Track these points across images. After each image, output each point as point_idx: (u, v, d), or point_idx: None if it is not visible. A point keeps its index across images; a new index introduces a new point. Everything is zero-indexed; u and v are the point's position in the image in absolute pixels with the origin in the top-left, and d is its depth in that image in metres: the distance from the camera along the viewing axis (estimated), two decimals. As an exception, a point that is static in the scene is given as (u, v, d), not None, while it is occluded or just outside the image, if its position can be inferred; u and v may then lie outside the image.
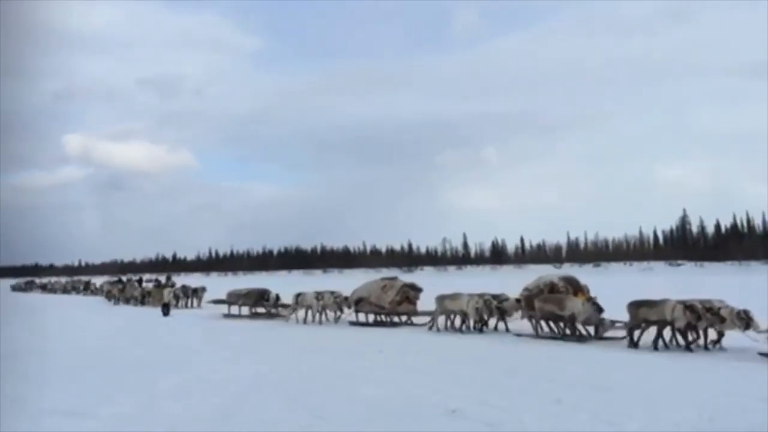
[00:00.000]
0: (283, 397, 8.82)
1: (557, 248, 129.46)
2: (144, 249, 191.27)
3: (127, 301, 36.51)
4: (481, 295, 16.49)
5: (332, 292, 20.70)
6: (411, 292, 19.51)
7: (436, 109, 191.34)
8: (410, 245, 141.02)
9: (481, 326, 16.58)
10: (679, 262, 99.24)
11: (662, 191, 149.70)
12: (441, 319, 17.22)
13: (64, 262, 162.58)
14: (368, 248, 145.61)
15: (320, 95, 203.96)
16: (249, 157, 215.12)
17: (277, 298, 23.36)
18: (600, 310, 14.24)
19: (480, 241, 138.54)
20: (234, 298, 24.82)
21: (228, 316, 24.34)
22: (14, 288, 77.01)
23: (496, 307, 16.45)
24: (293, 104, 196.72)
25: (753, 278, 40.40)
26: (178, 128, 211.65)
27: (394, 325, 19.16)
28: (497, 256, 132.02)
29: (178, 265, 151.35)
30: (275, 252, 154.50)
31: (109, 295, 41.01)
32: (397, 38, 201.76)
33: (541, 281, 16.21)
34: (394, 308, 19.33)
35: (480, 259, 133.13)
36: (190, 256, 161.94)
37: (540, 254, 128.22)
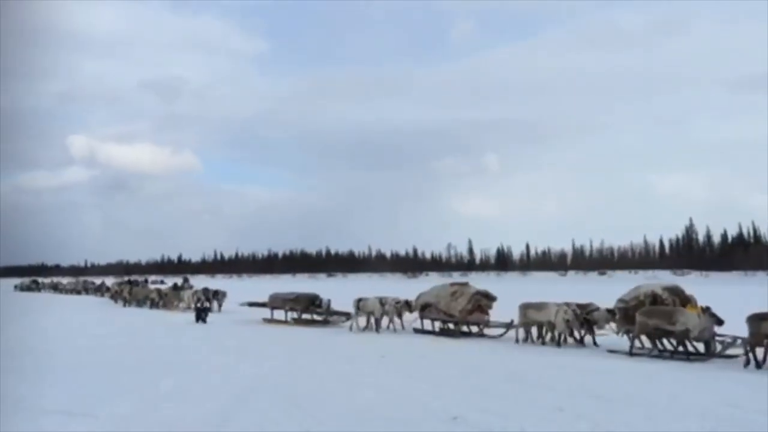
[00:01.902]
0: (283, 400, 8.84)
1: (562, 255, 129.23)
2: (148, 250, 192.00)
3: (139, 303, 34.62)
4: (568, 305, 15.03)
5: (393, 298, 19.27)
6: (483, 301, 17.70)
7: (435, 115, 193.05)
8: (415, 250, 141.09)
9: (565, 338, 15.11)
10: (685, 271, 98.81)
11: (663, 200, 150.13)
12: (521, 331, 15.83)
13: (70, 263, 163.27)
14: (373, 253, 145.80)
15: (321, 100, 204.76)
16: (250, 160, 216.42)
17: (329, 304, 21.67)
18: (720, 322, 12.46)
19: (484, 247, 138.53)
20: (279, 303, 22.85)
21: (269, 321, 22.70)
22: (18, 288, 73.56)
23: (585, 319, 14.89)
24: (295, 108, 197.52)
25: (762, 288, 40.12)
26: (181, 130, 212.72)
27: (463, 335, 17.51)
28: (502, 262, 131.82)
29: (183, 266, 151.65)
30: (280, 255, 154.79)
31: (116, 297, 39.44)
32: (396, 46, 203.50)
33: (640, 291, 14.45)
34: (464, 317, 17.57)
35: (485, 266, 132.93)
36: (195, 258, 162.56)
37: (545, 261, 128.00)
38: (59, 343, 16.90)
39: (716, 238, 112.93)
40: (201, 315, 23.09)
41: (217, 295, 29.32)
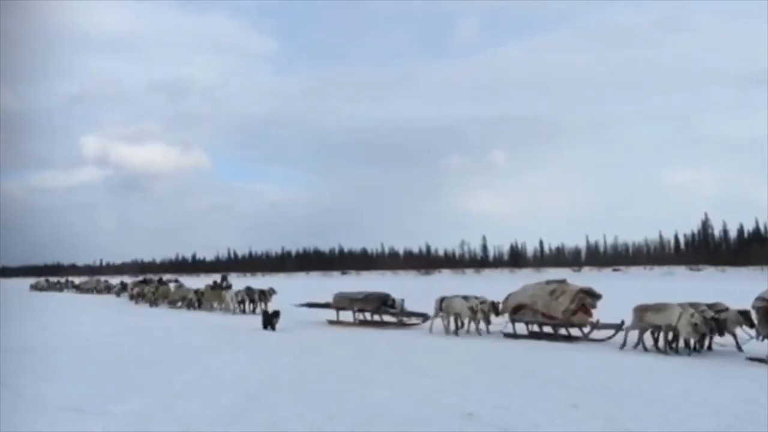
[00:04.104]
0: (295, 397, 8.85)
1: (576, 251, 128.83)
2: (162, 249, 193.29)
3: (173, 303, 32.51)
4: (694, 305, 12.83)
5: (476, 297, 17.23)
6: (588, 299, 15.67)
7: (442, 113, 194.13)
8: (428, 247, 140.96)
9: (696, 345, 12.95)
10: (700, 267, 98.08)
11: (676, 195, 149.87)
12: (638, 335, 13.71)
13: (85, 262, 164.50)
14: (386, 250, 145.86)
15: (331, 98, 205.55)
16: (261, 159, 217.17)
17: (402, 304, 20.06)
18: None
19: (498, 243, 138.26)
20: (345, 303, 21.29)
21: (335, 323, 20.86)
22: (35, 287, 71.84)
23: (713, 321, 12.54)
24: (305, 106, 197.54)
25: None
26: (191, 130, 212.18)
27: (565, 339, 15.59)
28: (516, 259, 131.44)
29: (197, 265, 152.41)
30: (293, 253, 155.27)
31: (137, 297, 37.64)
32: (402, 44, 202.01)
33: None
34: (568, 319, 15.59)
35: (498, 262, 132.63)
36: (209, 256, 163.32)
37: (559, 257, 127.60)
38: (89, 345, 17.01)
39: (732, 233, 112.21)
40: (270, 321, 18.95)
41: (264, 295, 26.45)
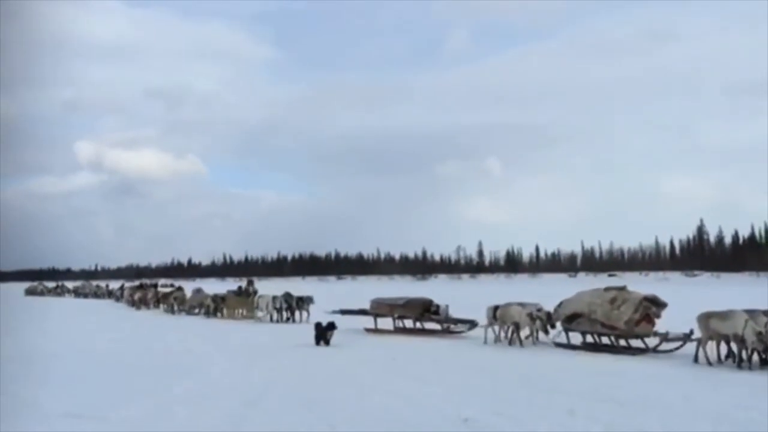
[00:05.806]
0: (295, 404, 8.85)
1: (572, 257, 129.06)
2: (157, 254, 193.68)
3: (189, 310, 30.39)
4: None
5: (533, 304, 15.86)
6: (652, 308, 14.33)
7: (437, 121, 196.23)
8: (424, 253, 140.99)
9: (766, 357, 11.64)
10: (696, 272, 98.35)
11: (672, 202, 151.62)
12: (707, 346, 12.53)
13: (80, 267, 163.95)
14: (382, 255, 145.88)
15: (328, 106, 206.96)
16: (258, 166, 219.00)
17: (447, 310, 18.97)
18: None
19: (494, 249, 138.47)
20: (385, 309, 20.13)
21: (373, 331, 19.64)
22: (31, 292, 69.32)
23: None
24: (302, 114, 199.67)
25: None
26: (187, 136, 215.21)
27: (627, 350, 14.31)
28: (512, 264, 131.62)
29: (193, 270, 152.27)
30: (289, 258, 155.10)
31: (143, 302, 36.52)
32: (397, 53, 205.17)
33: None
34: (631, 329, 14.19)
35: (494, 267, 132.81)
36: (205, 261, 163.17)
37: (555, 263, 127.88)
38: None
39: (727, 239, 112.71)
40: (324, 335, 15.93)
41: (302, 302, 24.16)
